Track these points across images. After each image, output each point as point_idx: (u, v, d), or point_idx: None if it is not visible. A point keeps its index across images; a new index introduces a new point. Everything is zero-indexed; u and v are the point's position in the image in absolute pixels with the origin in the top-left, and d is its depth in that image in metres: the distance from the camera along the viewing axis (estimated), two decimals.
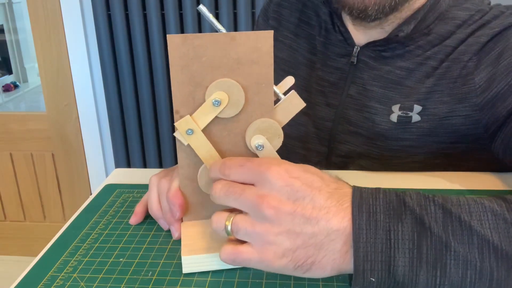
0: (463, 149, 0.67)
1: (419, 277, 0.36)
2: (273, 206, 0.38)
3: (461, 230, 0.37)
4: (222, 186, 0.41)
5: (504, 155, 0.62)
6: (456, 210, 0.38)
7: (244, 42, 0.43)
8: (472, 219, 0.37)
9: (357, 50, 0.70)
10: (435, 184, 0.61)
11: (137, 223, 0.55)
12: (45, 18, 1.74)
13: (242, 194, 0.40)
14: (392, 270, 0.36)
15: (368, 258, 0.37)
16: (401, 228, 0.37)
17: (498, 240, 0.36)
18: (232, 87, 0.44)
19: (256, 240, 0.39)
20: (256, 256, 0.39)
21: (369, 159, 0.71)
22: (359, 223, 0.37)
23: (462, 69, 0.63)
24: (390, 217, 0.37)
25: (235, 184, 0.41)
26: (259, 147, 0.45)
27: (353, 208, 0.38)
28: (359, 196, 0.39)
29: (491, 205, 0.38)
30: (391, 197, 0.39)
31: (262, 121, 0.45)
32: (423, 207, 0.38)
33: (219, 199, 0.41)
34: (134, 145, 1.82)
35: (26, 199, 2.03)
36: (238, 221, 0.40)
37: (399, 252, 0.36)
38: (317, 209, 0.38)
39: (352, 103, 0.71)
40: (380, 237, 0.37)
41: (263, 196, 0.38)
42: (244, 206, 0.40)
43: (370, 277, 0.37)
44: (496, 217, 0.37)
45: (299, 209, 0.38)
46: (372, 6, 0.60)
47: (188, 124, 0.44)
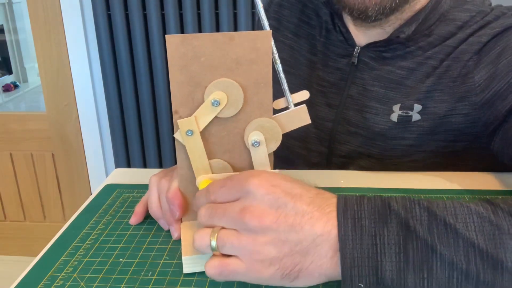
0: (462, 148, 0.67)
1: (407, 281, 0.36)
2: (256, 216, 0.38)
3: (446, 233, 0.37)
4: (205, 210, 0.41)
5: (503, 153, 0.62)
6: (442, 213, 0.38)
7: (242, 42, 0.43)
8: (457, 222, 0.37)
9: (358, 50, 0.70)
10: (435, 184, 0.61)
11: (137, 223, 0.55)
12: (45, 18, 1.74)
13: (225, 212, 0.40)
14: (380, 274, 0.36)
15: (355, 264, 0.37)
16: (387, 232, 0.37)
17: (483, 243, 0.36)
18: (231, 87, 0.44)
19: (243, 252, 0.39)
20: (243, 267, 0.39)
21: (369, 159, 0.71)
22: (344, 230, 0.37)
23: (462, 68, 0.64)
24: (375, 222, 0.37)
25: (217, 205, 0.41)
26: (255, 143, 0.45)
27: (338, 215, 0.38)
28: (343, 203, 0.39)
29: (476, 208, 0.38)
30: (376, 202, 0.39)
31: (265, 120, 0.45)
32: (408, 210, 0.38)
33: (206, 223, 0.42)
34: (134, 145, 1.82)
35: (26, 199, 2.03)
36: (223, 236, 0.40)
37: (385, 257, 0.36)
38: (300, 215, 0.38)
39: (352, 104, 0.71)
40: (366, 243, 0.37)
41: (245, 209, 0.39)
42: (228, 223, 0.40)
43: (359, 283, 0.37)
44: (481, 220, 0.37)
45: (282, 216, 0.38)
46: (373, 7, 0.60)
47: (190, 125, 0.44)
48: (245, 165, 0.48)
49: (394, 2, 0.60)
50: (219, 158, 0.47)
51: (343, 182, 0.63)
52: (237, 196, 0.40)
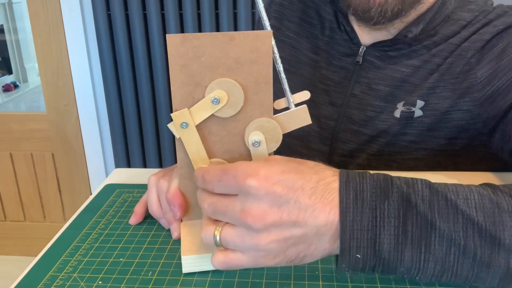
0: (462, 145, 0.67)
1: (404, 254, 0.37)
2: (258, 218, 0.37)
3: (446, 208, 0.37)
4: (208, 205, 0.41)
5: (503, 149, 0.62)
6: (443, 190, 0.38)
7: (243, 42, 0.43)
8: (458, 198, 0.38)
9: (363, 50, 0.70)
10: None
11: (137, 223, 0.55)
12: (45, 18, 1.74)
13: (227, 212, 0.39)
14: (378, 247, 0.37)
15: (354, 236, 0.37)
16: (387, 206, 0.37)
17: (482, 220, 0.37)
18: (233, 87, 0.44)
19: (247, 250, 0.39)
20: (248, 261, 0.40)
21: (370, 156, 0.71)
22: (346, 202, 0.38)
23: (464, 65, 0.64)
24: (376, 195, 0.38)
25: (219, 201, 0.40)
26: (255, 143, 0.45)
27: (340, 186, 0.38)
28: (346, 176, 0.39)
29: (477, 188, 0.39)
30: (378, 176, 0.39)
31: (266, 120, 0.45)
32: (410, 185, 0.39)
33: (209, 215, 0.42)
34: (134, 145, 1.82)
35: (26, 199, 2.03)
36: (226, 235, 0.40)
37: (384, 230, 0.37)
38: (303, 210, 0.38)
39: (355, 102, 0.71)
40: (366, 215, 0.37)
41: (247, 210, 0.38)
42: (231, 221, 0.40)
43: (356, 254, 0.37)
44: (482, 197, 0.38)
45: (285, 214, 0.38)
46: (376, 8, 0.61)
47: (183, 117, 0.44)
48: None
49: (397, 7, 0.61)
50: (219, 158, 0.47)
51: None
52: (235, 192, 0.40)
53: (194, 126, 0.45)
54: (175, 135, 0.45)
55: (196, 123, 0.45)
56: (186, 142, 0.45)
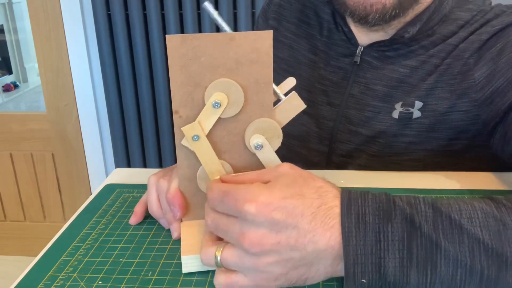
0: (462, 146, 0.67)
1: (410, 277, 0.36)
2: (256, 243, 0.37)
3: (451, 229, 0.37)
4: (211, 221, 0.41)
5: (503, 150, 0.62)
6: (446, 209, 0.38)
7: (243, 42, 0.43)
8: (462, 218, 0.37)
9: (361, 50, 0.70)
10: (435, 184, 0.61)
11: (137, 223, 0.55)
12: (45, 18, 1.74)
13: (228, 231, 0.40)
14: (383, 271, 0.36)
15: (358, 261, 0.37)
16: (391, 229, 0.37)
17: (488, 239, 0.36)
18: (231, 86, 0.44)
19: (247, 272, 0.39)
20: (250, 284, 0.39)
21: (369, 157, 0.71)
22: (348, 226, 0.37)
23: (462, 66, 0.64)
24: (379, 218, 0.37)
25: (220, 220, 0.40)
26: (258, 146, 0.45)
27: (342, 211, 0.38)
28: (347, 199, 0.39)
29: (480, 204, 0.38)
30: (380, 197, 0.39)
31: (262, 121, 0.45)
32: (413, 206, 0.38)
33: (212, 230, 0.42)
34: (134, 145, 1.82)
35: (26, 199, 2.03)
36: (227, 256, 0.40)
37: (389, 254, 0.36)
38: (302, 235, 0.37)
39: (354, 103, 0.71)
40: (369, 239, 0.37)
41: (245, 234, 0.38)
42: (231, 241, 0.40)
43: (361, 279, 0.37)
44: (486, 215, 0.37)
45: (283, 239, 0.37)
46: (373, 14, 0.61)
47: (194, 130, 0.44)
48: (245, 165, 0.47)
49: (394, 11, 0.61)
50: (219, 159, 0.47)
51: (343, 182, 0.63)
52: (235, 215, 0.39)
53: (205, 136, 0.45)
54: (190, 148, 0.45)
55: (206, 133, 0.45)
56: (199, 154, 0.45)
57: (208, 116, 0.44)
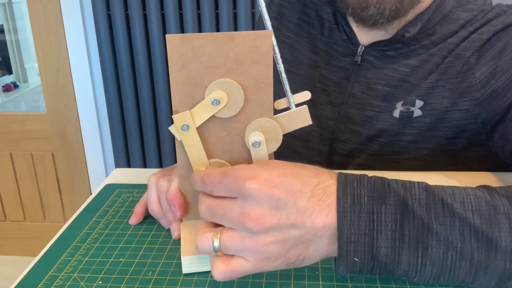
0: (462, 145, 0.67)
1: (401, 258, 0.37)
2: (257, 220, 0.38)
3: (443, 212, 0.37)
4: (205, 207, 0.41)
5: (503, 150, 0.62)
6: (440, 193, 0.38)
7: (243, 42, 0.42)
8: (455, 201, 0.38)
9: (362, 49, 0.70)
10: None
11: (137, 223, 0.55)
12: (45, 18, 1.74)
13: (225, 214, 0.39)
14: (375, 251, 0.37)
15: (351, 240, 0.37)
16: (384, 210, 0.38)
17: (479, 223, 0.37)
18: (233, 87, 0.43)
19: (247, 253, 0.39)
20: (250, 266, 0.40)
21: (370, 156, 0.72)
22: (343, 206, 0.38)
23: (463, 65, 0.64)
24: (374, 199, 0.38)
25: (217, 204, 0.40)
26: (255, 143, 0.45)
27: (338, 191, 0.38)
28: (343, 180, 0.39)
29: (474, 190, 0.39)
30: (375, 180, 0.40)
31: (267, 120, 0.45)
32: (407, 189, 0.39)
33: (207, 219, 0.42)
34: (134, 145, 1.82)
35: (26, 199, 2.03)
36: (225, 240, 0.39)
37: (381, 234, 0.37)
38: (301, 212, 0.38)
39: (354, 102, 0.71)
40: (363, 220, 0.37)
41: (246, 213, 0.38)
42: (229, 224, 0.40)
43: (354, 258, 0.38)
44: (478, 200, 0.38)
45: (283, 217, 0.38)
46: (372, 9, 0.61)
47: (185, 119, 0.44)
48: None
49: (395, 5, 0.61)
50: (219, 158, 0.47)
51: None
52: (235, 195, 0.40)
53: (195, 128, 0.45)
54: (176, 137, 0.45)
55: (197, 125, 0.45)
56: (186, 145, 0.45)
57: (203, 110, 0.44)
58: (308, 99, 0.47)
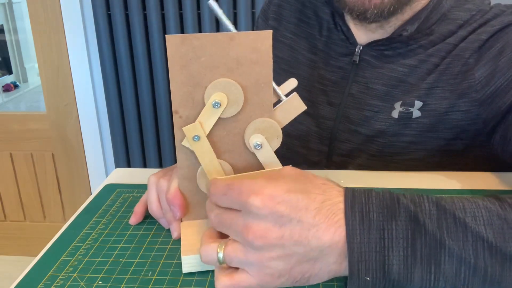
0: (462, 146, 0.67)
1: (414, 275, 0.36)
2: (260, 236, 0.37)
3: (455, 227, 0.37)
4: (214, 215, 0.41)
5: (503, 150, 0.62)
6: (450, 207, 0.38)
7: (243, 42, 0.43)
8: (466, 216, 0.37)
9: (360, 49, 0.70)
10: (435, 184, 0.61)
11: (137, 223, 0.55)
12: (45, 18, 1.74)
13: (231, 225, 0.39)
14: (387, 269, 0.36)
15: (362, 259, 0.36)
16: (395, 226, 0.37)
17: (492, 237, 0.36)
18: (230, 86, 0.44)
19: (251, 267, 0.39)
20: (253, 281, 0.39)
21: (369, 157, 0.71)
22: (352, 224, 0.37)
23: (463, 65, 0.64)
24: (383, 216, 0.37)
25: (224, 213, 0.40)
26: (257, 146, 0.45)
27: (346, 208, 0.38)
28: (351, 196, 0.38)
29: (484, 202, 0.38)
30: (384, 195, 0.39)
31: (262, 120, 0.45)
32: (417, 204, 0.38)
33: (215, 227, 0.42)
34: (134, 145, 1.82)
35: (26, 199, 2.03)
36: (230, 252, 0.39)
37: (393, 251, 0.36)
38: (306, 229, 0.37)
39: (353, 102, 0.71)
40: (374, 237, 0.37)
41: (249, 227, 0.38)
42: (234, 236, 0.39)
43: (365, 277, 0.37)
44: (490, 214, 0.37)
45: (287, 233, 0.37)
46: (371, 10, 0.61)
47: (195, 130, 0.44)
48: (245, 165, 0.47)
49: (392, 6, 0.61)
50: (219, 158, 0.47)
51: (343, 181, 0.63)
52: (239, 208, 0.39)
53: (205, 137, 0.45)
54: (191, 149, 0.45)
55: (206, 133, 0.45)
56: (199, 154, 0.45)
57: (208, 117, 0.44)
58: (295, 85, 0.47)
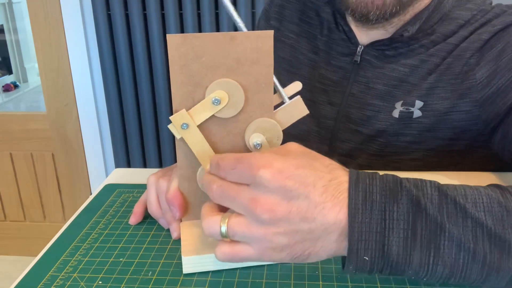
0: (463, 146, 0.67)
1: (412, 257, 0.37)
2: (268, 209, 0.37)
3: (455, 212, 0.37)
4: (217, 186, 0.40)
5: (504, 151, 0.62)
6: (452, 193, 0.38)
7: (244, 42, 0.42)
8: (467, 202, 0.37)
9: (361, 49, 0.70)
10: None
11: (137, 223, 0.55)
12: (45, 18, 1.74)
13: (236, 198, 0.39)
14: (386, 249, 0.37)
15: (362, 238, 0.37)
16: (397, 208, 0.37)
17: (491, 224, 0.36)
18: (233, 88, 0.43)
19: (254, 241, 0.39)
20: (254, 254, 0.39)
21: (369, 156, 0.71)
22: (355, 203, 0.37)
23: (463, 66, 0.64)
24: (386, 197, 0.37)
25: (229, 186, 0.40)
26: (257, 145, 0.45)
27: (350, 187, 0.38)
28: (356, 177, 0.39)
29: (486, 190, 0.39)
30: (387, 178, 0.39)
31: (264, 120, 0.45)
32: (419, 188, 0.38)
33: (215, 199, 0.41)
34: (134, 145, 1.82)
35: (26, 199, 2.03)
36: (233, 225, 0.39)
37: (393, 232, 0.37)
38: (313, 206, 0.37)
39: (354, 102, 0.71)
40: (375, 217, 0.37)
41: (257, 200, 0.38)
42: (239, 209, 0.39)
43: (364, 256, 0.37)
44: (490, 200, 0.38)
45: (294, 208, 0.37)
46: (374, 11, 0.61)
47: (183, 118, 0.44)
48: None
49: (395, 8, 0.61)
50: None
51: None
52: (248, 182, 0.39)
53: (195, 126, 0.45)
54: (176, 135, 0.45)
55: (197, 124, 0.45)
56: (189, 142, 0.45)
57: (203, 109, 0.44)
58: (299, 88, 0.47)
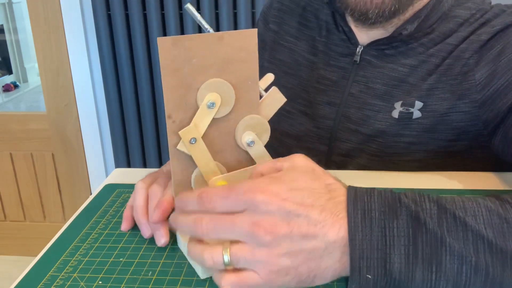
0: (462, 147, 0.67)
1: (415, 274, 0.36)
2: (269, 231, 0.37)
3: (455, 225, 0.37)
4: (207, 221, 0.39)
5: (504, 152, 0.62)
6: (451, 206, 0.38)
7: (231, 41, 0.43)
8: (466, 215, 0.37)
9: (361, 49, 0.70)
10: (435, 184, 0.61)
11: (130, 228, 0.54)
12: (45, 18, 1.74)
13: (234, 225, 0.38)
14: (388, 267, 0.36)
15: (364, 256, 0.37)
16: (396, 224, 0.37)
17: (492, 236, 0.36)
18: (223, 86, 0.44)
19: (258, 266, 0.38)
20: (260, 280, 0.39)
21: (368, 157, 0.71)
22: (354, 221, 0.37)
23: (463, 66, 0.64)
24: (385, 214, 0.37)
25: (222, 217, 0.39)
26: (250, 143, 0.46)
27: (348, 206, 0.38)
28: (353, 194, 0.39)
29: (484, 202, 0.39)
30: (386, 194, 0.39)
31: (250, 117, 0.46)
32: (418, 203, 0.38)
33: (207, 235, 0.39)
34: (134, 145, 1.82)
35: (26, 199, 2.03)
36: (236, 252, 0.38)
37: (394, 249, 0.36)
38: (313, 224, 0.37)
39: (353, 101, 0.71)
40: (375, 235, 0.37)
41: (257, 223, 0.37)
42: (239, 236, 0.38)
43: (366, 274, 0.37)
44: (490, 213, 0.37)
45: (295, 228, 0.37)
46: (373, 10, 0.61)
47: (191, 133, 0.44)
48: (236, 163, 0.47)
49: (393, 6, 0.61)
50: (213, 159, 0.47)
51: (343, 181, 0.63)
52: (243, 208, 0.38)
53: (201, 139, 0.44)
54: (188, 153, 0.45)
55: (202, 134, 0.44)
56: (196, 157, 0.45)
57: (203, 117, 0.44)
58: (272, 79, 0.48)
